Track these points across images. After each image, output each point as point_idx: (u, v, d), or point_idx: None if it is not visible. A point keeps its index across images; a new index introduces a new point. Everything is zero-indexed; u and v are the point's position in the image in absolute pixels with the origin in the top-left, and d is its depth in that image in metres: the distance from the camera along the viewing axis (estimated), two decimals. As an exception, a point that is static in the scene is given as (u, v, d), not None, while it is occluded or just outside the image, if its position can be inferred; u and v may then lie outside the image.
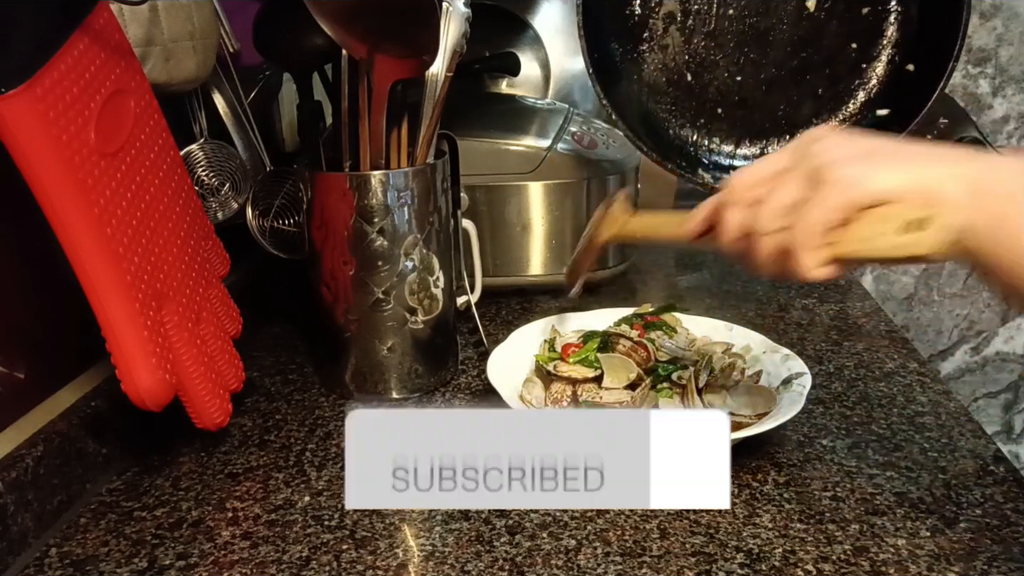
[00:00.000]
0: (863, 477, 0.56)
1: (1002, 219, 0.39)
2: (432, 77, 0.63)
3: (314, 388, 0.73)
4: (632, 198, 0.78)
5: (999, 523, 0.51)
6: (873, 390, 0.68)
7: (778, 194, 0.43)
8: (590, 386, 0.63)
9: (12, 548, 0.50)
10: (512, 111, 0.98)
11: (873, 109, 0.79)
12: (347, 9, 0.57)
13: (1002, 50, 1.25)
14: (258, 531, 0.52)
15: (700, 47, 0.81)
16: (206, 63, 0.66)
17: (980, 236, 0.39)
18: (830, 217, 0.41)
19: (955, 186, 0.39)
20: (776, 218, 0.43)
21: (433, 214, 0.67)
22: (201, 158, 0.73)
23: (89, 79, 0.49)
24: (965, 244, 0.40)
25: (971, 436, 0.61)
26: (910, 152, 0.42)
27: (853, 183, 0.41)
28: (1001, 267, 0.39)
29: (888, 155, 0.42)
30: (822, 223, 0.41)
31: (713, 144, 0.82)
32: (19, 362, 0.55)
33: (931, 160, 0.41)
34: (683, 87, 0.82)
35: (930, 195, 0.40)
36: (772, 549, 0.49)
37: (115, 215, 0.50)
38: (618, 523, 0.52)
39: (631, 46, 0.81)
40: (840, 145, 0.43)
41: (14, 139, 0.44)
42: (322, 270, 0.67)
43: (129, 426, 0.61)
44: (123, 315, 0.49)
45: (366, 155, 0.64)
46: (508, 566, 0.48)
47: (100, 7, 0.50)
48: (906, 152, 0.42)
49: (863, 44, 0.78)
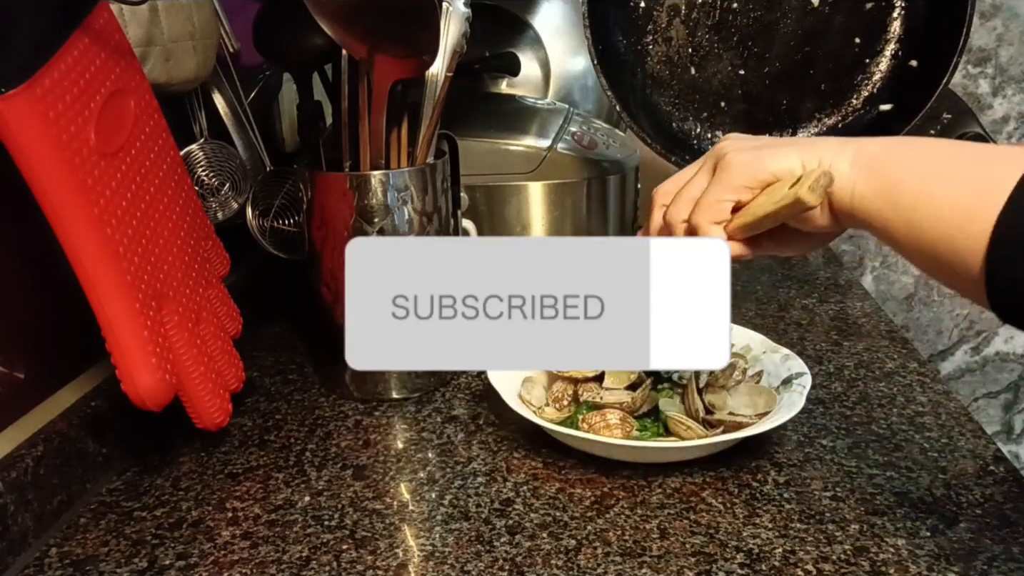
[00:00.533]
0: (863, 477, 0.56)
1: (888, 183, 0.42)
2: (432, 77, 0.64)
3: (314, 388, 0.73)
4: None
5: (999, 523, 0.51)
6: (873, 390, 0.68)
7: (687, 188, 0.51)
8: (591, 385, 0.63)
9: (12, 548, 0.50)
10: (512, 111, 0.98)
11: (876, 104, 0.79)
12: (347, 9, 0.57)
13: (1002, 50, 1.25)
14: (258, 531, 0.52)
15: (704, 40, 0.81)
16: (206, 63, 0.66)
17: (856, 194, 0.43)
18: (726, 196, 0.48)
19: (840, 162, 0.44)
20: (684, 207, 0.50)
21: (433, 214, 0.67)
22: (201, 158, 0.73)
23: (89, 79, 0.49)
24: (855, 212, 0.44)
25: (971, 436, 0.61)
26: (801, 142, 0.48)
27: (746, 166, 0.47)
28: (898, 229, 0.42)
29: (781, 144, 0.48)
30: (718, 201, 0.48)
31: (716, 137, 0.82)
32: (19, 362, 0.55)
33: (817, 145, 0.46)
34: (687, 80, 0.82)
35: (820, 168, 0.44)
36: (772, 549, 0.49)
37: (115, 215, 0.50)
38: (618, 523, 0.52)
39: (635, 38, 0.81)
40: (740, 139, 0.50)
41: (14, 139, 0.44)
42: (322, 270, 0.67)
43: (129, 426, 0.61)
44: (123, 315, 0.49)
45: (366, 155, 0.64)
46: (508, 566, 0.48)
47: (100, 7, 0.50)
48: (798, 142, 0.48)
49: (867, 39, 0.78)
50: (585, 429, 0.58)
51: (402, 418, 0.67)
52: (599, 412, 0.60)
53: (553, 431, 0.58)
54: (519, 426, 0.63)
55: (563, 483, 0.56)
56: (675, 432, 0.58)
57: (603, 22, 0.77)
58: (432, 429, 0.65)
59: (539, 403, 0.64)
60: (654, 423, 0.61)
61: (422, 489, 0.57)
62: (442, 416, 0.67)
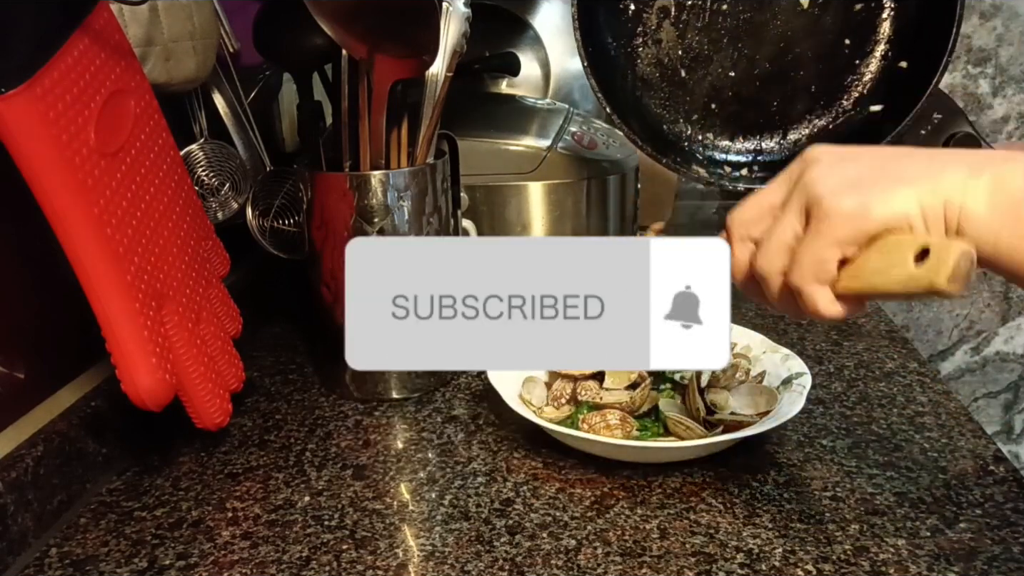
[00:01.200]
0: (863, 477, 0.56)
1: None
2: (432, 77, 0.64)
3: (314, 388, 0.73)
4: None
5: (999, 523, 0.51)
6: (873, 390, 0.68)
7: (776, 232, 0.41)
8: (590, 384, 0.63)
9: (12, 548, 0.50)
10: (512, 111, 0.98)
11: (867, 105, 0.79)
12: (347, 9, 0.57)
13: (1002, 50, 1.25)
14: (258, 531, 0.52)
15: (694, 42, 0.81)
16: (206, 63, 0.66)
17: (1002, 245, 0.36)
18: (829, 255, 0.39)
19: (974, 202, 0.36)
20: (776, 258, 0.41)
21: (433, 214, 0.67)
22: (201, 158, 0.73)
23: (89, 79, 0.49)
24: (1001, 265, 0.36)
25: (971, 436, 0.61)
26: (915, 170, 0.38)
27: (852, 215, 0.38)
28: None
29: (890, 178, 0.38)
30: (821, 261, 0.39)
31: (707, 139, 0.82)
32: (19, 362, 0.55)
33: (937, 177, 0.37)
34: (677, 82, 0.82)
35: (947, 213, 0.37)
36: (772, 549, 0.49)
37: (115, 215, 0.50)
38: (618, 523, 0.52)
39: (625, 40, 0.81)
40: (834, 170, 0.40)
41: (14, 139, 0.44)
42: (322, 270, 0.67)
43: (129, 426, 0.61)
44: (123, 315, 0.49)
45: (366, 155, 0.64)
46: (508, 566, 0.48)
47: (100, 7, 0.50)
48: (909, 170, 0.38)
49: (856, 40, 0.78)
50: (585, 429, 0.58)
51: (402, 418, 0.67)
52: (599, 412, 0.60)
53: (553, 431, 0.58)
54: (519, 426, 0.63)
55: (563, 483, 0.56)
56: (675, 432, 0.58)
57: (593, 24, 0.77)
58: (432, 429, 0.65)
59: (539, 403, 0.64)
60: (654, 423, 0.61)
61: (422, 489, 0.57)
62: (442, 416, 0.67)
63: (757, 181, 0.80)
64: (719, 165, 0.81)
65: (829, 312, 0.40)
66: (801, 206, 0.40)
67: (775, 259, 0.41)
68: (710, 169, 0.80)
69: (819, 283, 0.40)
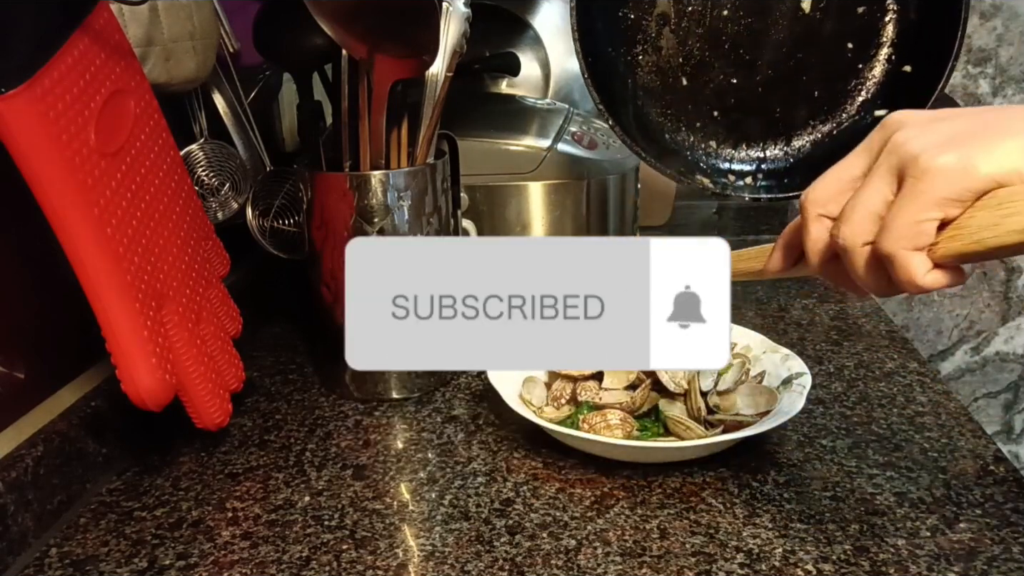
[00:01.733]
0: (863, 477, 0.56)
1: None
2: (432, 77, 0.64)
3: (314, 388, 0.73)
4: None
5: (999, 523, 0.51)
6: (873, 390, 0.68)
7: (861, 199, 0.38)
8: (590, 384, 0.63)
9: (12, 548, 0.50)
10: (512, 111, 0.98)
11: (871, 110, 0.78)
12: (347, 9, 0.57)
13: (1002, 50, 1.25)
14: (258, 531, 0.52)
15: (694, 49, 0.80)
16: (206, 63, 0.66)
17: None
18: (929, 215, 0.36)
19: None
20: (863, 226, 0.38)
21: (433, 214, 0.67)
22: (201, 158, 0.73)
23: (89, 79, 0.49)
24: None
25: (971, 436, 0.61)
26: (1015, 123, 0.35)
27: (957, 171, 0.35)
28: None
29: (990, 132, 0.35)
30: (919, 222, 0.36)
31: (710, 147, 0.82)
32: (19, 362, 0.55)
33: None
34: (678, 90, 0.81)
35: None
36: (772, 549, 0.49)
37: (115, 215, 0.50)
38: (618, 523, 0.52)
39: (625, 49, 0.80)
40: (926, 130, 0.37)
41: (14, 139, 0.44)
42: (322, 270, 0.67)
43: (129, 426, 0.61)
44: (123, 315, 0.49)
45: (366, 155, 0.64)
46: (508, 566, 0.48)
47: (100, 7, 0.50)
48: (1010, 123, 0.35)
49: (859, 44, 0.77)
50: (585, 429, 0.58)
51: (402, 418, 0.67)
52: (600, 412, 0.60)
53: (553, 431, 0.58)
54: (519, 426, 0.63)
55: (563, 483, 0.56)
56: (675, 432, 0.58)
57: (593, 32, 0.76)
58: (432, 429, 0.65)
59: (539, 403, 0.64)
60: (654, 423, 0.61)
61: (422, 489, 0.57)
62: (442, 416, 0.67)
63: (761, 190, 0.79)
64: (723, 174, 0.81)
65: (926, 281, 0.37)
66: (892, 169, 0.37)
67: (862, 228, 0.38)
68: (714, 179, 0.79)
69: (915, 248, 0.36)
